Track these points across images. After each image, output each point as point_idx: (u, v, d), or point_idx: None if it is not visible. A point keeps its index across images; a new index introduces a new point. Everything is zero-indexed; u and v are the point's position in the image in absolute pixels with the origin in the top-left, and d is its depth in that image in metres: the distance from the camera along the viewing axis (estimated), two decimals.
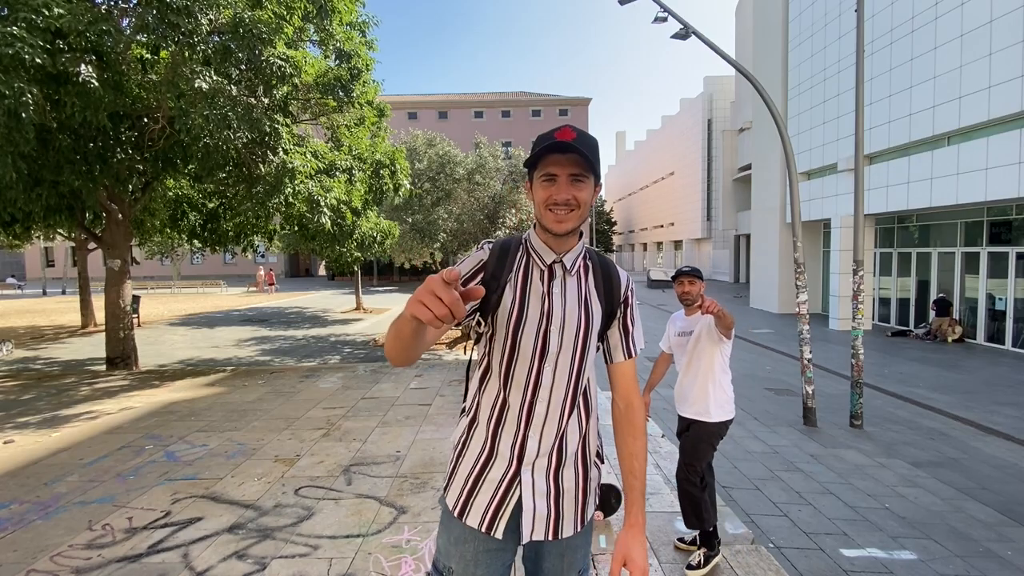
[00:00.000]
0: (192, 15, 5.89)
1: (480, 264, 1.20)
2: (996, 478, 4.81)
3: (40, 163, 6.43)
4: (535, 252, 1.23)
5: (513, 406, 1.20)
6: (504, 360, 1.19)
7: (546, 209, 1.17)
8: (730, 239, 33.21)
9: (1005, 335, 11.06)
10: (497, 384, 1.21)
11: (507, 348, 1.18)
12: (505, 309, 1.18)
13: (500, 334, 1.19)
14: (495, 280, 1.18)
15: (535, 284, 1.20)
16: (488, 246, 1.23)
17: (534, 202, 1.19)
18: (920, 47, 11.71)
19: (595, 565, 2.78)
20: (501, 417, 1.21)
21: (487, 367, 1.22)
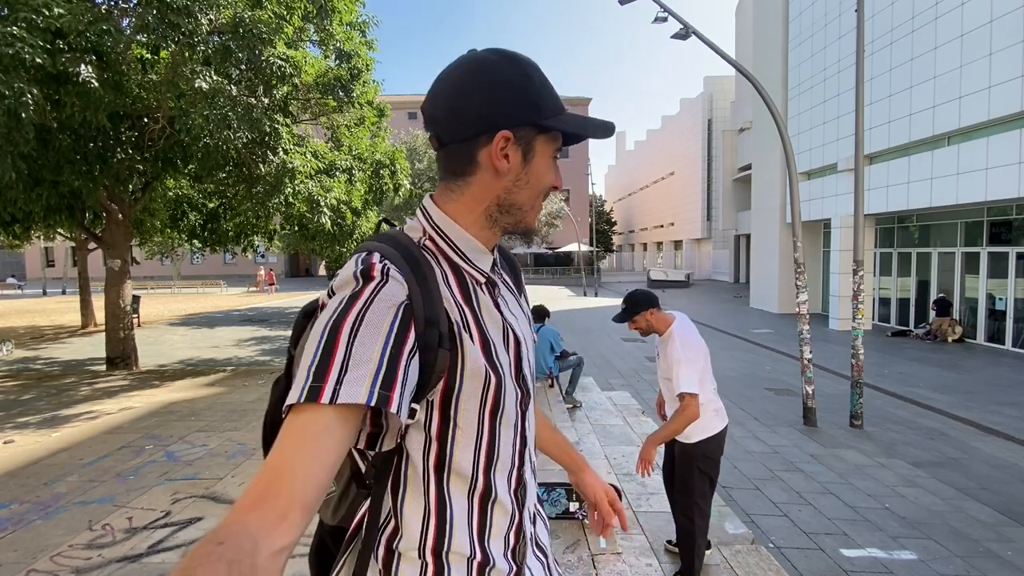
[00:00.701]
0: (192, 15, 5.89)
1: (403, 316, 0.65)
2: (996, 478, 4.81)
3: (40, 163, 6.42)
4: (465, 258, 0.77)
5: (502, 493, 0.79)
6: (483, 436, 0.76)
7: (540, 197, 0.81)
8: (730, 239, 33.20)
9: (1005, 335, 11.06)
10: (469, 476, 0.76)
11: (486, 417, 0.76)
12: (473, 362, 0.72)
13: (468, 403, 0.73)
14: (433, 327, 0.68)
15: (486, 307, 0.78)
16: (385, 266, 0.68)
17: (514, 185, 0.77)
18: (920, 47, 11.71)
19: (595, 565, 2.78)
20: (487, 518, 0.78)
21: (441, 462, 0.74)
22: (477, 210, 0.78)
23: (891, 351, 11.09)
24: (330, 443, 0.59)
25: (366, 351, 0.61)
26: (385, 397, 0.60)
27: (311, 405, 0.58)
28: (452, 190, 0.78)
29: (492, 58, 0.75)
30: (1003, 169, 9.73)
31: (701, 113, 36.88)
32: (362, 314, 0.63)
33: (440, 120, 0.75)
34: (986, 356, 10.44)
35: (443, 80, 0.76)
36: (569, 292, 26.91)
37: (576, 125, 0.79)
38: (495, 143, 0.73)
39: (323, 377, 0.59)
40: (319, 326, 0.64)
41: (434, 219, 0.78)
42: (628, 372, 9.13)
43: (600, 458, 4.51)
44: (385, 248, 0.72)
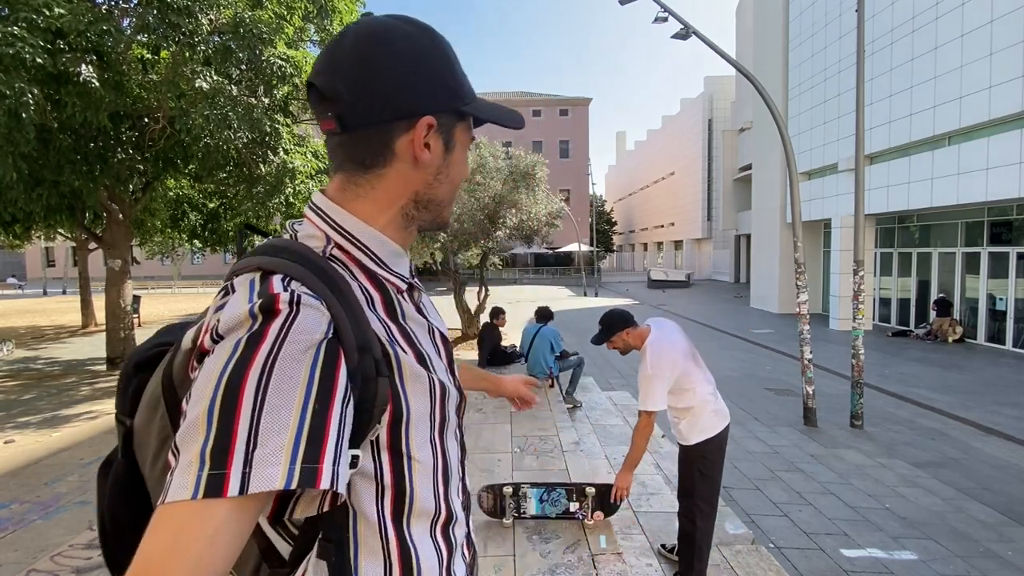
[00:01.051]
0: (193, 15, 5.90)
1: (326, 355, 0.51)
2: (996, 478, 4.81)
3: (41, 163, 6.43)
4: (383, 265, 0.65)
5: (457, 511, 0.71)
6: (438, 459, 0.66)
7: (456, 191, 0.72)
8: (730, 239, 33.20)
9: (1006, 335, 11.05)
10: (432, 509, 0.66)
11: (436, 437, 0.66)
12: (416, 380, 0.63)
13: (419, 427, 0.63)
14: (367, 354, 0.56)
15: (411, 316, 0.68)
16: (293, 293, 0.52)
17: (435, 178, 0.67)
18: (920, 47, 11.70)
19: (595, 565, 2.78)
20: (451, 544, 0.70)
21: (400, 506, 0.62)
22: (393, 208, 0.66)
23: (891, 351, 11.08)
24: (229, 540, 0.45)
25: (280, 416, 0.46)
26: (311, 472, 0.46)
27: (202, 501, 0.43)
28: (359, 184, 0.64)
29: (408, 29, 0.63)
30: (1004, 169, 9.73)
31: (701, 113, 36.89)
32: (269, 364, 0.47)
33: (344, 98, 0.60)
34: (987, 356, 10.43)
35: (346, 49, 0.60)
36: (569, 292, 26.92)
37: (492, 113, 0.70)
38: (418, 130, 0.62)
39: (225, 461, 0.44)
40: (206, 386, 0.47)
41: (339, 222, 0.63)
42: (628, 372, 9.13)
43: (600, 458, 4.51)
44: (286, 265, 0.55)
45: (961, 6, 10.66)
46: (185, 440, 0.45)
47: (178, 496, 0.43)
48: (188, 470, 0.44)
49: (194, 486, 0.43)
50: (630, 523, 3.39)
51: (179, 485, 0.44)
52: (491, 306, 8.93)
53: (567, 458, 4.18)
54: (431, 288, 29.93)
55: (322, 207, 0.64)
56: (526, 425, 5.12)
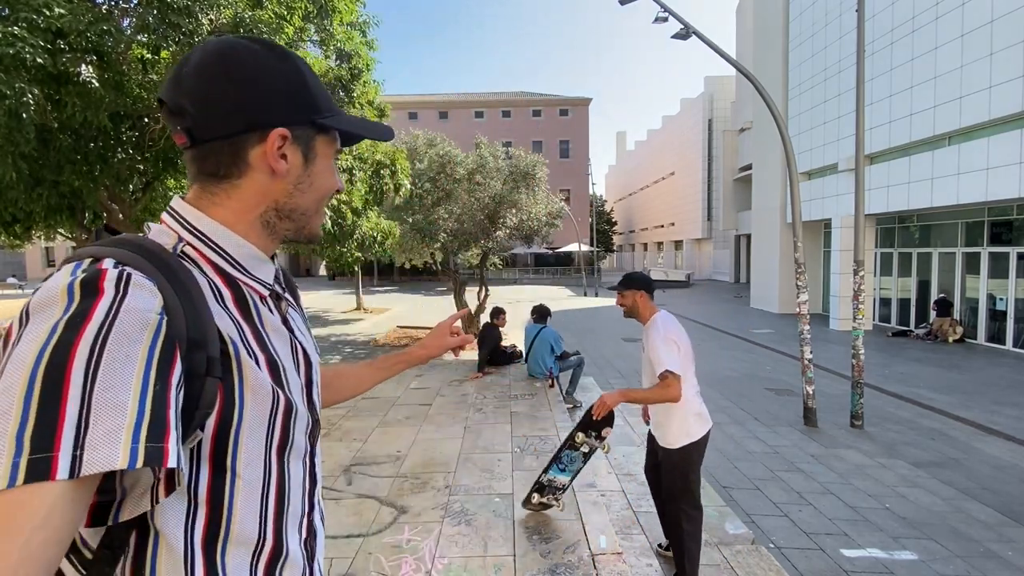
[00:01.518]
0: (193, 15, 5.90)
1: (165, 336, 0.50)
2: (997, 478, 4.81)
3: (41, 163, 6.43)
4: (240, 267, 0.65)
5: (292, 548, 0.66)
6: (271, 481, 0.62)
7: (323, 202, 0.72)
8: (730, 239, 33.19)
9: (1006, 335, 11.05)
10: (256, 538, 0.61)
11: (273, 456, 0.62)
12: (258, 388, 0.60)
13: (251, 441, 0.59)
14: (199, 351, 0.53)
15: (271, 324, 0.66)
16: (123, 272, 0.51)
17: (295, 188, 0.67)
18: (921, 47, 11.70)
19: (595, 565, 2.78)
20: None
21: (214, 531, 0.57)
22: (250, 216, 0.66)
23: (892, 351, 11.08)
24: (62, 524, 0.42)
25: (117, 394, 0.44)
26: (157, 451, 0.44)
27: (26, 487, 0.40)
28: (214, 193, 0.64)
29: (255, 47, 0.64)
30: (1004, 169, 9.72)
31: (701, 113, 36.89)
32: (100, 341, 0.45)
33: (189, 112, 0.61)
34: (987, 356, 10.43)
35: (192, 67, 0.62)
36: (569, 292, 26.93)
37: (356, 125, 0.72)
38: (270, 141, 0.63)
39: (50, 444, 0.41)
40: (17, 370, 0.43)
41: (195, 224, 0.63)
42: (628, 372, 9.13)
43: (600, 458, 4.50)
44: (120, 253, 0.53)
45: (961, 6, 10.66)
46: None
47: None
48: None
49: (9, 473, 0.40)
50: (630, 523, 3.39)
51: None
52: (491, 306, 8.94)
53: None
54: (431, 288, 29.94)
55: (178, 210, 0.64)
56: (526, 425, 5.12)
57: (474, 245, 11.11)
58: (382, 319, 16.61)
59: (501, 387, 6.75)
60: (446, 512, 3.36)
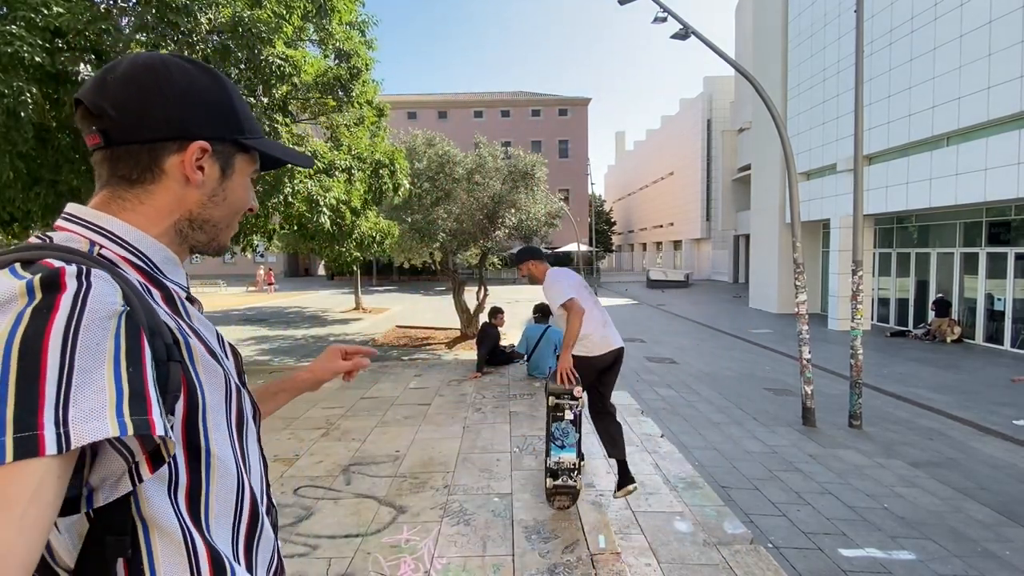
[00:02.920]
0: (191, 14, 5.89)
1: (128, 323, 0.51)
2: (994, 478, 4.82)
3: (39, 162, 6.42)
4: (158, 270, 0.65)
5: (266, 524, 0.70)
6: (238, 458, 0.65)
7: (236, 217, 0.75)
8: (729, 239, 33.22)
9: (1004, 335, 11.07)
10: (232, 504, 0.63)
11: (234, 434, 0.65)
12: (210, 370, 0.63)
13: (216, 418, 0.62)
14: (158, 338, 0.55)
15: (197, 318, 0.68)
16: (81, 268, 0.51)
17: (209, 200, 0.69)
18: (919, 47, 11.72)
19: (595, 565, 2.78)
20: (252, 565, 0.66)
21: (195, 497, 0.59)
22: (165, 223, 0.67)
23: (890, 351, 11.10)
24: (44, 511, 0.43)
25: (94, 376, 0.45)
26: (143, 422, 0.46)
27: (15, 464, 0.41)
28: (125, 199, 0.65)
29: (188, 66, 0.67)
30: (1002, 170, 9.74)
31: (701, 113, 36.91)
32: (72, 330, 0.46)
33: (108, 115, 0.62)
34: (985, 356, 10.45)
35: (120, 74, 0.63)
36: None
37: (277, 150, 0.76)
38: (189, 152, 0.65)
39: (33, 423, 0.42)
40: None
41: (106, 227, 0.62)
42: (627, 372, 9.14)
43: (599, 458, 4.50)
44: (54, 254, 0.53)
45: (960, 7, 10.68)
46: None
47: None
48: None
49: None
50: (629, 523, 3.40)
51: None
52: (490, 306, 8.93)
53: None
54: (430, 288, 29.93)
55: (82, 215, 0.63)
56: (525, 425, 5.12)
57: (473, 245, 11.11)
58: (381, 319, 16.60)
59: (500, 387, 6.75)
60: (445, 512, 3.36)
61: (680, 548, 3.08)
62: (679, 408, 6.90)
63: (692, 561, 2.93)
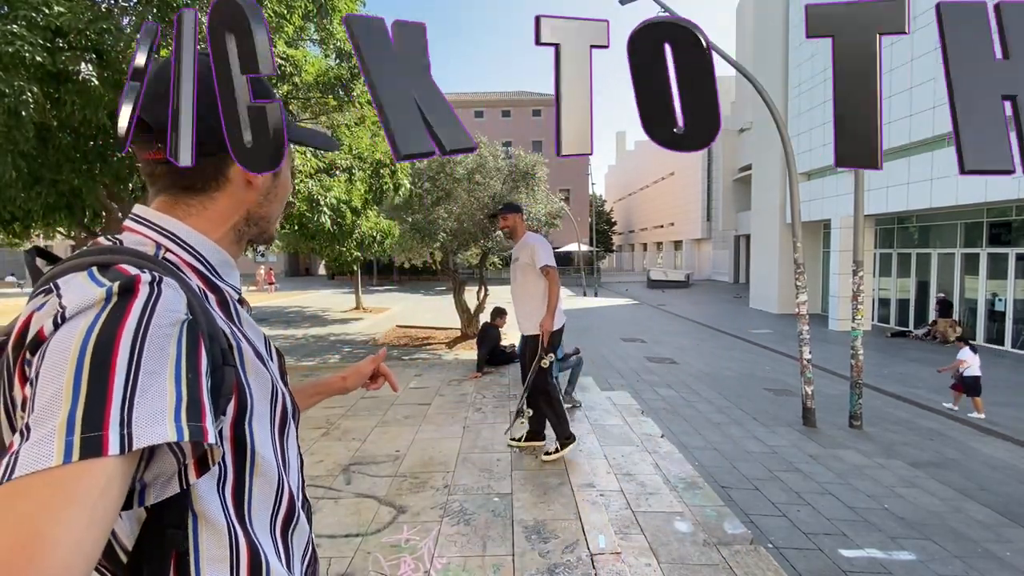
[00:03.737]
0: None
1: (190, 332, 0.53)
2: (995, 479, 4.82)
3: (40, 161, 6.42)
4: (216, 273, 0.68)
5: (301, 517, 0.73)
6: (278, 458, 0.67)
7: (284, 207, 0.78)
8: (730, 239, 33.21)
9: (1004, 336, 11.07)
10: (270, 509, 0.65)
11: (277, 436, 0.68)
12: (258, 375, 0.65)
13: (261, 423, 0.64)
14: (215, 343, 0.57)
15: (247, 322, 0.70)
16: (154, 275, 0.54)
17: (265, 198, 0.73)
18: (920, 48, 11.71)
19: (594, 565, 2.78)
20: (290, 556, 0.70)
21: (240, 501, 0.61)
22: (227, 225, 0.70)
23: (891, 352, 11.09)
24: (110, 505, 0.45)
25: (157, 382, 0.48)
26: (198, 429, 0.48)
27: (82, 463, 0.43)
28: (190, 204, 0.67)
29: None
30: None
31: None
32: (141, 335, 0.49)
33: None
34: (985, 357, 10.41)
35: (169, 84, 0.62)
36: (569, 292, 26.94)
37: (308, 138, 0.78)
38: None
39: (100, 424, 0.44)
40: (62, 362, 0.46)
41: (173, 231, 0.65)
42: (627, 372, 9.13)
43: (599, 458, 4.51)
44: (128, 259, 0.56)
45: None
46: (41, 417, 0.44)
47: (37, 467, 0.42)
48: (49, 440, 0.43)
49: (63, 451, 0.42)
50: (629, 523, 3.40)
51: (37, 456, 0.42)
52: (491, 306, 8.93)
53: (566, 457, 4.19)
54: (430, 288, 29.93)
55: (149, 218, 0.66)
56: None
57: (474, 245, 11.11)
58: (381, 318, 16.60)
59: (500, 387, 6.75)
60: (445, 512, 3.37)
61: (680, 548, 3.08)
62: (679, 408, 6.90)
63: (692, 561, 2.93)
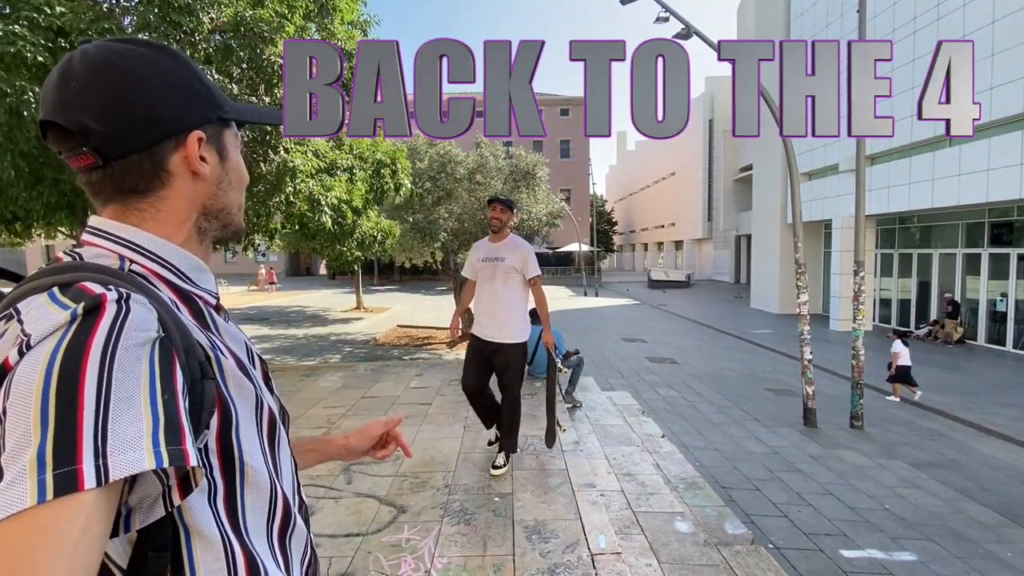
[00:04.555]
0: (193, 13, 5.90)
1: (162, 350, 0.50)
2: (996, 479, 4.81)
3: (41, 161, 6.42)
4: (187, 279, 0.64)
5: (299, 522, 0.70)
6: (269, 466, 0.64)
7: (242, 195, 0.72)
8: (731, 239, 33.19)
9: (1006, 337, 11.05)
10: (265, 520, 0.63)
11: (266, 443, 0.65)
12: (240, 385, 0.62)
13: (248, 431, 0.61)
14: (192, 356, 0.54)
15: (225, 329, 0.66)
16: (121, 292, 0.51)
17: (218, 188, 0.67)
18: (922, 48, 11.70)
19: (595, 565, 2.78)
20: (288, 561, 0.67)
21: (232, 502, 0.59)
22: (186, 225, 0.64)
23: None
24: (94, 542, 0.43)
25: (131, 408, 0.45)
26: (178, 452, 0.46)
27: (58, 501, 0.40)
28: (141, 209, 0.61)
29: (142, 50, 0.60)
30: (1005, 170, 9.72)
31: (702, 113, 36.87)
32: (109, 357, 0.45)
33: (94, 129, 0.56)
34: (987, 357, 10.43)
35: (83, 79, 0.56)
36: (570, 292, 26.92)
37: (254, 114, 0.73)
38: (189, 147, 0.61)
39: (72, 458, 0.41)
40: (29, 395, 0.43)
41: (134, 240, 0.60)
42: (628, 372, 9.13)
43: (600, 458, 4.51)
44: (91, 276, 0.52)
45: (962, 7, 10.65)
46: (12, 456, 0.42)
47: (11, 510, 0.40)
48: (20, 480, 0.40)
49: (37, 491, 0.40)
50: (629, 523, 3.40)
51: (10, 498, 0.40)
52: None
53: (567, 458, 4.18)
54: (431, 287, 29.93)
55: (107, 229, 0.60)
56: (526, 425, 5.12)
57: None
58: (382, 318, 16.60)
59: None
60: (445, 511, 3.37)
61: (681, 548, 3.08)
62: (680, 408, 6.90)
63: (693, 561, 2.93)
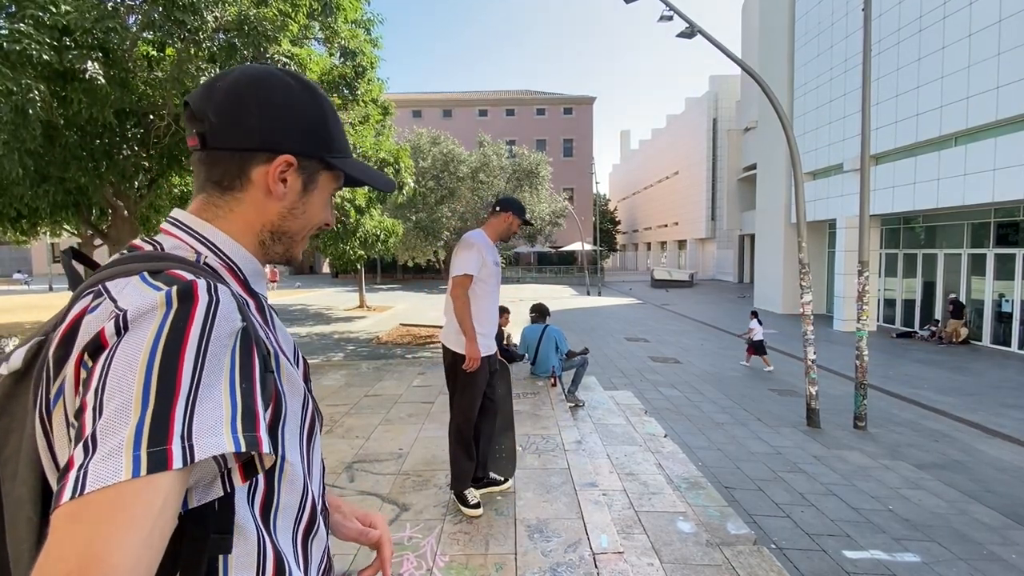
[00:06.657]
0: (198, 12, 5.91)
1: (244, 340, 0.54)
2: (1001, 481, 4.79)
3: (47, 159, 6.46)
4: (248, 283, 0.69)
5: (321, 525, 0.73)
6: (304, 463, 0.67)
7: (310, 231, 0.76)
8: (734, 239, 33.10)
9: (1011, 337, 10.99)
10: (294, 516, 0.65)
11: (305, 442, 0.68)
12: (292, 383, 0.65)
13: (291, 428, 0.64)
14: (260, 346, 0.57)
15: (279, 328, 0.71)
16: (210, 283, 0.55)
17: (289, 212, 0.71)
18: (927, 47, 11.64)
19: (596, 565, 2.78)
20: (308, 563, 0.69)
21: (268, 505, 0.61)
22: (251, 233, 0.69)
23: (896, 352, 11.04)
24: (168, 519, 0.46)
25: (214, 394, 0.49)
26: (253, 439, 0.49)
27: (146, 478, 0.43)
28: (218, 206, 0.68)
29: (290, 81, 0.69)
30: (1011, 170, 9.66)
31: (706, 112, 36.77)
32: (204, 344, 0.50)
33: (209, 120, 0.65)
34: (992, 358, 10.38)
35: (227, 83, 0.66)
36: (572, 291, 26.89)
37: (361, 172, 0.77)
38: (274, 165, 0.67)
39: (165, 437, 0.45)
40: (130, 371, 0.46)
41: (208, 237, 0.66)
42: (631, 372, 9.12)
43: (602, 457, 4.51)
44: (178, 265, 0.57)
45: (969, 6, 10.58)
46: (108, 430, 0.45)
47: (107, 482, 0.42)
48: (118, 454, 0.43)
49: (132, 466, 0.43)
50: (632, 523, 3.39)
51: (106, 471, 0.43)
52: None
53: (569, 457, 4.18)
54: (434, 286, 29.94)
55: (187, 222, 0.66)
56: (528, 424, 5.12)
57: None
58: (384, 317, 16.62)
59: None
60: (448, 510, 3.37)
61: (683, 548, 3.08)
62: (683, 408, 6.88)
63: (695, 561, 2.93)
